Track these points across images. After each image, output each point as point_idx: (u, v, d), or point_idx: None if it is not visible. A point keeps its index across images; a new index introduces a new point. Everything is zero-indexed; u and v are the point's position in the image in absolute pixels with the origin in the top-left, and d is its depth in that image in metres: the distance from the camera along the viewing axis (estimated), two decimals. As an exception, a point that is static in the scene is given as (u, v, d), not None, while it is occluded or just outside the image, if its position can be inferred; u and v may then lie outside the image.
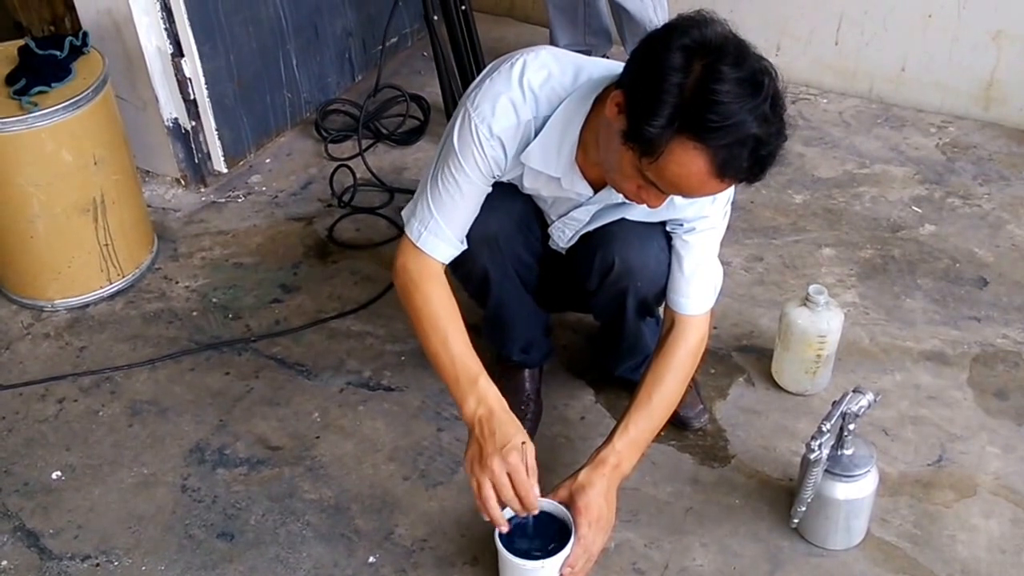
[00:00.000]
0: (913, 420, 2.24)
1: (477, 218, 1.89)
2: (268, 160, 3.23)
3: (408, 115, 3.35)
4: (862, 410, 1.80)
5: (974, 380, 2.34)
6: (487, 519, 1.77)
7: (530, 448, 1.77)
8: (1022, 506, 2.04)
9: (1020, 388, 2.31)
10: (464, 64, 3.15)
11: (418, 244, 1.85)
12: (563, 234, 1.99)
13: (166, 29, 2.81)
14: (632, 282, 1.97)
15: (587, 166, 1.78)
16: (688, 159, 1.49)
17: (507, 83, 1.75)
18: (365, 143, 3.20)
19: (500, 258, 1.99)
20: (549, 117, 1.75)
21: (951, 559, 1.95)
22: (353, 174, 3.08)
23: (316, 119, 3.34)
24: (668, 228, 1.93)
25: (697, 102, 1.45)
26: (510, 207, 1.95)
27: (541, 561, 1.78)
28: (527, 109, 1.75)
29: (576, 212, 1.92)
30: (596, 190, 1.84)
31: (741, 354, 2.43)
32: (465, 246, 1.89)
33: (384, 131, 3.29)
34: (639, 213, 1.88)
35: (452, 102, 3.11)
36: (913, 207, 2.92)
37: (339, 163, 3.11)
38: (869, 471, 1.88)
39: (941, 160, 3.12)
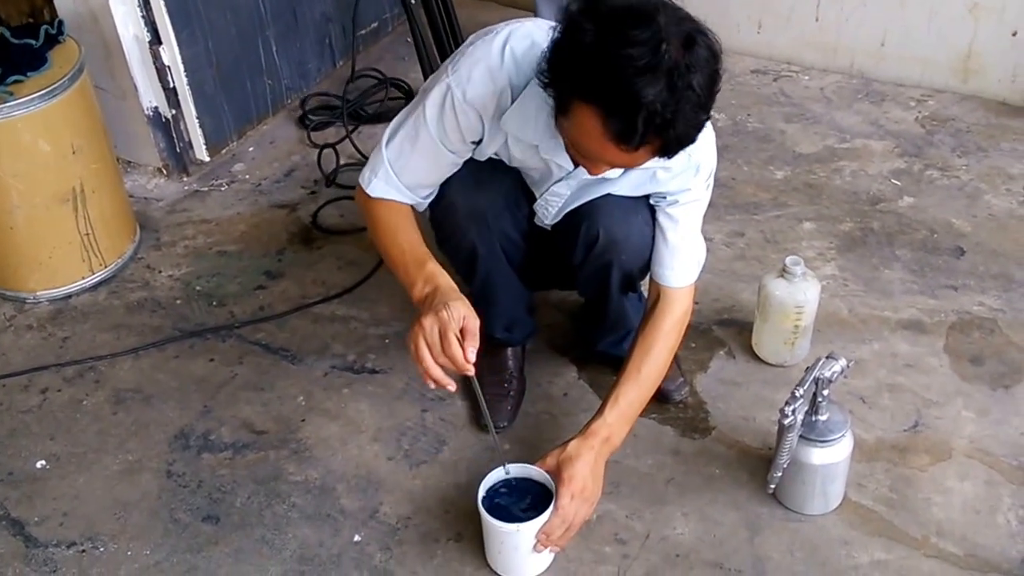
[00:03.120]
0: (890, 388, 2.26)
1: (466, 194, 1.92)
2: (251, 148, 3.24)
3: (388, 98, 3.37)
4: (835, 376, 1.82)
5: (950, 347, 2.36)
6: (432, 386, 1.72)
7: (468, 311, 1.71)
8: (996, 468, 2.06)
9: (995, 354, 2.33)
10: (445, 48, 3.16)
11: (367, 190, 1.89)
12: (547, 211, 2.01)
13: (143, 16, 2.82)
14: (616, 255, 1.98)
15: None
16: (585, 120, 1.51)
17: (488, 51, 1.76)
18: (349, 127, 3.22)
19: (488, 235, 2.01)
20: (529, 85, 1.76)
21: (926, 521, 1.97)
22: (337, 156, 3.10)
23: (300, 111, 3.35)
24: (652, 202, 1.95)
25: (593, 63, 1.47)
26: (500, 184, 1.97)
27: (516, 524, 1.80)
28: (504, 76, 1.75)
29: (557, 187, 1.93)
30: (577, 164, 1.85)
31: (722, 328, 2.45)
32: (419, 199, 1.92)
33: (364, 113, 3.31)
34: (623, 188, 1.90)
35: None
36: (892, 180, 2.93)
37: (325, 145, 3.12)
38: (844, 436, 1.90)
39: (920, 133, 3.14)
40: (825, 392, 1.84)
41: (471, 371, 1.70)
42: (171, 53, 2.89)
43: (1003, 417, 2.17)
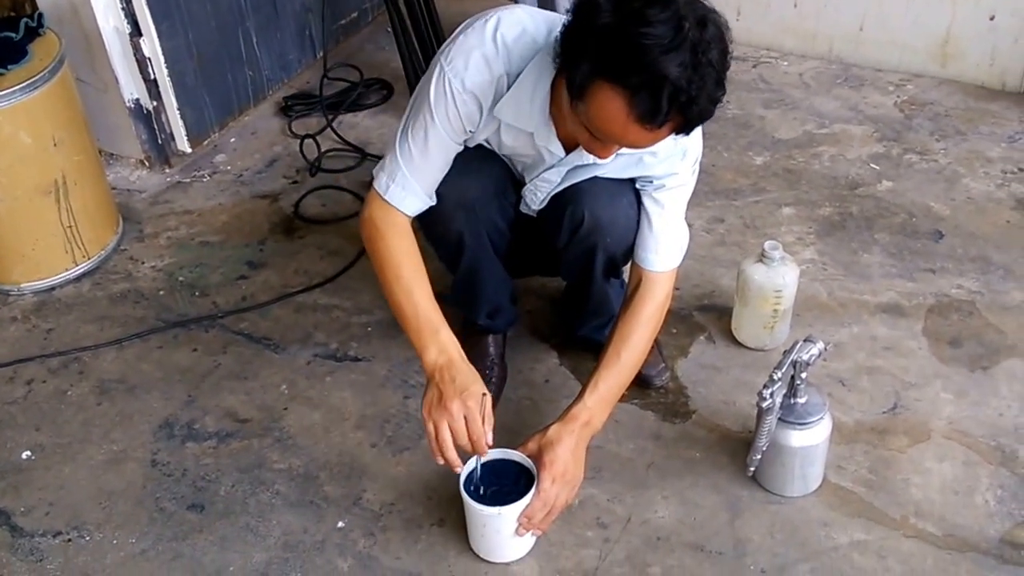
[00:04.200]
0: (869, 370, 2.28)
1: (455, 182, 1.92)
2: (232, 139, 3.24)
3: (364, 83, 3.41)
4: (812, 359, 1.83)
5: (929, 330, 2.38)
6: (442, 462, 1.79)
7: (487, 398, 1.80)
8: (974, 449, 2.09)
9: (973, 336, 2.36)
10: (424, 38, 3.16)
11: (385, 196, 1.87)
12: (535, 196, 2.02)
13: (123, 8, 2.82)
14: (601, 238, 1.99)
15: (561, 122, 1.80)
16: (607, 100, 1.52)
17: (480, 39, 1.77)
18: (330, 116, 3.24)
19: (475, 224, 2.01)
20: (521, 72, 1.77)
21: (905, 502, 1.99)
22: (318, 145, 3.12)
23: (281, 104, 3.36)
24: (638, 185, 1.96)
25: (615, 43, 1.48)
26: (488, 173, 1.98)
27: (499, 508, 1.82)
28: (499, 64, 1.76)
29: (548, 173, 1.94)
30: (568, 151, 1.87)
31: (702, 313, 2.47)
32: (433, 201, 1.91)
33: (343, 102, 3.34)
34: (609, 171, 1.91)
35: (415, 77, 3.11)
36: (871, 164, 2.96)
37: (306, 135, 3.14)
38: (822, 418, 1.91)
39: (899, 118, 3.16)
40: (803, 375, 1.86)
41: (486, 453, 1.79)
42: (151, 45, 2.89)
43: (981, 399, 2.20)
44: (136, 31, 2.87)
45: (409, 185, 1.86)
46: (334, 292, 2.61)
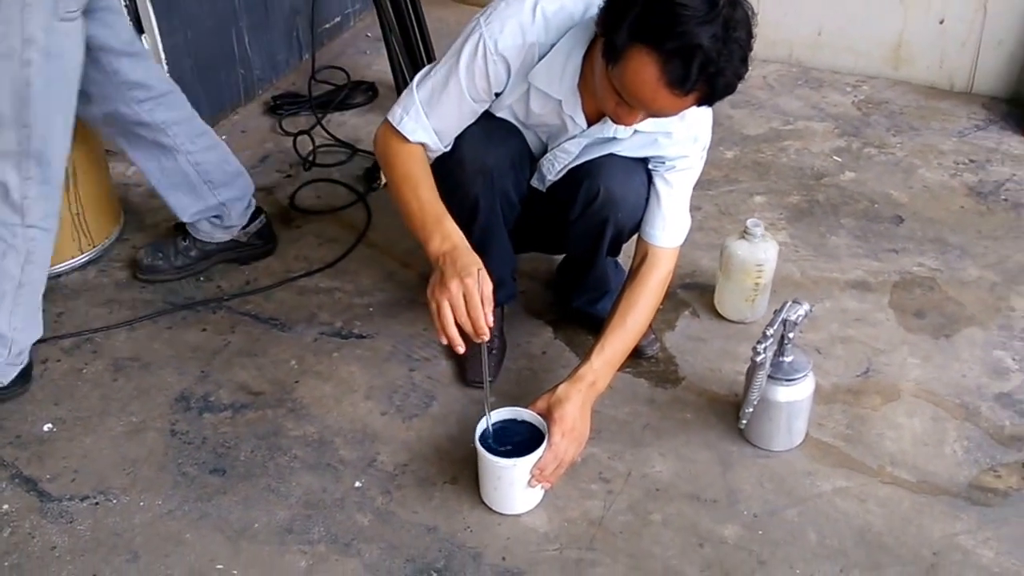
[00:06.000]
0: (842, 339, 2.46)
1: (477, 148, 2.06)
2: (224, 137, 3.29)
3: (350, 91, 3.52)
4: (800, 318, 1.99)
5: (895, 303, 2.57)
6: (445, 342, 1.86)
7: (486, 278, 1.85)
8: (941, 406, 2.27)
9: (936, 307, 2.55)
10: (411, 42, 3.28)
11: (397, 126, 2.00)
12: (552, 167, 2.16)
13: (127, 5, 2.91)
14: (613, 212, 2.14)
15: (587, 95, 1.96)
16: (641, 65, 1.68)
17: (520, 8, 1.92)
18: (319, 115, 3.35)
19: (491, 192, 2.14)
20: (556, 44, 1.92)
21: (881, 453, 2.16)
22: (312, 140, 3.24)
23: (269, 103, 3.48)
24: (650, 166, 2.12)
25: (655, 11, 1.64)
26: (509, 144, 2.11)
27: (513, 460, 1.96)
28: (534, 33, 1.91)
29: (568, 144, 2.09)
30: (591, 124, 2.02)
31: (685, 291, 2.63)
32: (442, 145, 2.04)
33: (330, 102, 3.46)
34: (625, 149, 2.07)
35: (403, 79, 3.22)
36: (834, 157, 3.15)
37: (299, 132, 3.26)
38: (807, 375, 2.08)
39: (857, 115, 3.37)
40: (791, 335, 2.02)
41: (487, 336, 1.85)
42: (153, 42, 3.00)
43: (945, 362, 2.38)
44: (139, 28, 2.96)
45: (421, 120, 2.00)
46: (335, 276, 2.74)
